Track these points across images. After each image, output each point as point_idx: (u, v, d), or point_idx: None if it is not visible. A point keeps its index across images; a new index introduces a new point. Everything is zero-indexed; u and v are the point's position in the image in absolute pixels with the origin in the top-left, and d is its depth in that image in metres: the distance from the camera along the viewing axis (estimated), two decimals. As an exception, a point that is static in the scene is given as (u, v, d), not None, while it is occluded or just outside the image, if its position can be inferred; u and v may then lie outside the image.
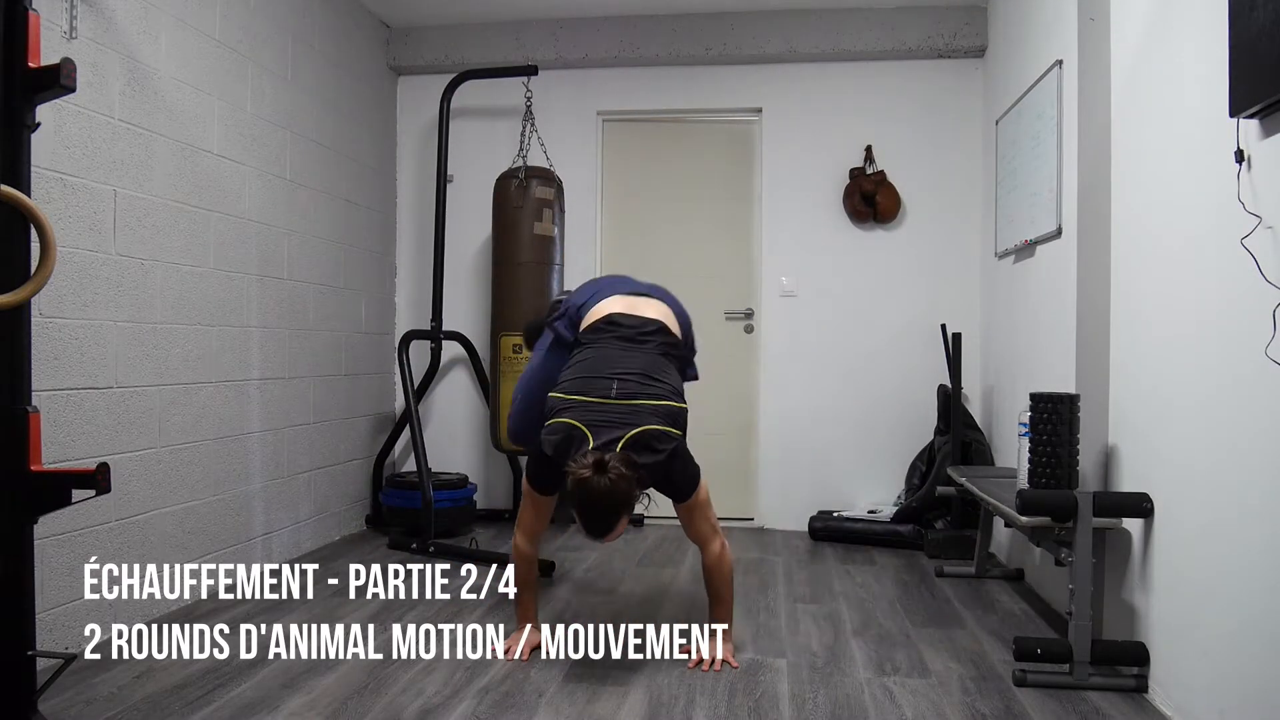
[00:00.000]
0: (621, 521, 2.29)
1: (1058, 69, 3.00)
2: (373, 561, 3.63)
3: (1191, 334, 2.11)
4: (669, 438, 2.37)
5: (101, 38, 2.61)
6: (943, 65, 4.38)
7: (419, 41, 4.57)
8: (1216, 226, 1.96)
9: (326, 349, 3.95)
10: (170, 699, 2.19)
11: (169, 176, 2.92)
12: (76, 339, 2.53)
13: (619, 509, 2.24)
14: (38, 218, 1.81)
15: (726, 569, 2.54)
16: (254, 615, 2.88)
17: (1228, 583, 1.92)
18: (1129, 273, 2.50)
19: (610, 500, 2.21)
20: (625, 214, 4.68)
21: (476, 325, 4.58)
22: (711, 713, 2.16)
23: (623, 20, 4.43)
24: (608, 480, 2.20)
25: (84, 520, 2.53)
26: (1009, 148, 3.66)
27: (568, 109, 4.57)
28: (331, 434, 4.00)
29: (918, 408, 4.30)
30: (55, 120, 2.42)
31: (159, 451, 2.87)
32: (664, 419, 2.38)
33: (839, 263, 4.45)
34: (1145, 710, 2.20)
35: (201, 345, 3.08)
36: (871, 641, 2.71)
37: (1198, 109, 2.08)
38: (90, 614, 2.56)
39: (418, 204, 4.69)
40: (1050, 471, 2.47)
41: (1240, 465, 1.88)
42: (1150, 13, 2.37)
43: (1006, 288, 3.80)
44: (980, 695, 2.28)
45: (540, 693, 2.27)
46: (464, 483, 4.22)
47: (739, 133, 4.63)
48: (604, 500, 2.21)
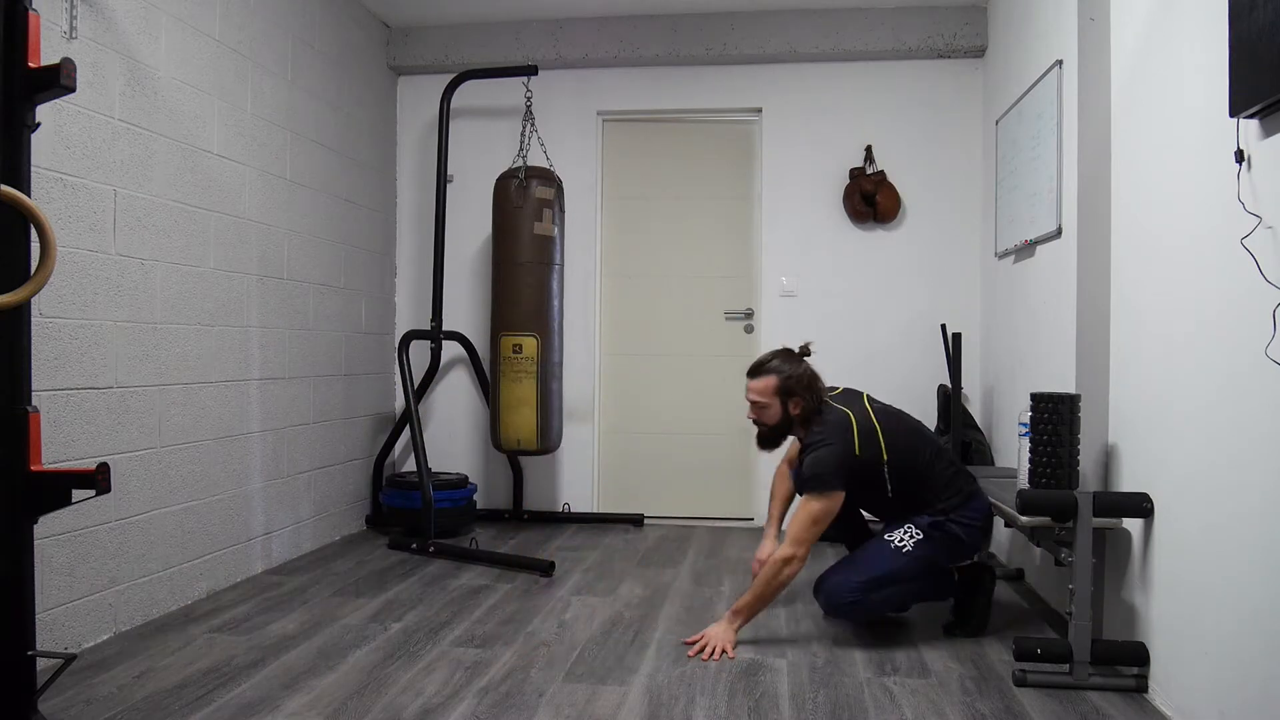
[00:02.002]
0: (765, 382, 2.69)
1: (1058, 69, 3.00)
2: (373, 562, 3.63)
3: (1191, 334, 2.11)
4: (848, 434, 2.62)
5: (101, 38, 2.61)
6: (943, 65, 4.38)
7: (419, 41, 4.57)
8: (1216, 226, 1.96)
9: (326, 349, 3.95)
10: (170, 699, 2.19)
11: (169, 176, 2.92)
12: (76, 339, 2.53)
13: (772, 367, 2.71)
14: (38, 218, 1.81)
15: (778, 575, 2.57)
16: (254, 615, 2.88)
17: (1228, 583, 1.92)
18: (1129, 273, 2.50)
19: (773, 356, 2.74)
20: (625, 214, 4.68)
21: (476, 325, 4.59)
22: (711, 713, 2.16)
23: (623, 20, 4.43)
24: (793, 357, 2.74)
25: (84, 520, 2.53)
26: (1009, 148, 3.66)
27: (568, 109, 4.58)
28: (331, 434, 4.00)
29: (918, 408, 4.26)
30: (55, 120, 2.42)
31: (159, 451, 2.87)
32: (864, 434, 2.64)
33: (839, 263, 4.45)
34: (1145, 710, 2.20)
35: (201, 345, 3.08)
36: (871, 641, 2.71)
37: (1198, 109, 2.08)
38: (90, 614, 2.56)
39: (418, 204, 4.69)
40: (1050, 471, 2.47)
41: (1240, 465, 1.88)
42: (1150, 13, 2.37)
43: (1006, 288, 3.80)
44: (980, 695, 2.28)
45: (540, 693, 2.27)
46: (464, 483, 4.23)
47: (739, 133, 4.64)
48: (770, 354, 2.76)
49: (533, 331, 3.93)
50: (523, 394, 3.90)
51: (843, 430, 2.63)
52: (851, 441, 2.61)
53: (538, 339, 3.93)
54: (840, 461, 2.58)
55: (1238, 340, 1.87)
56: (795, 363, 2.71)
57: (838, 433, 2.62)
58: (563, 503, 4.58)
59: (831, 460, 2.57)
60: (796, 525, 2.56)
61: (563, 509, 4.56)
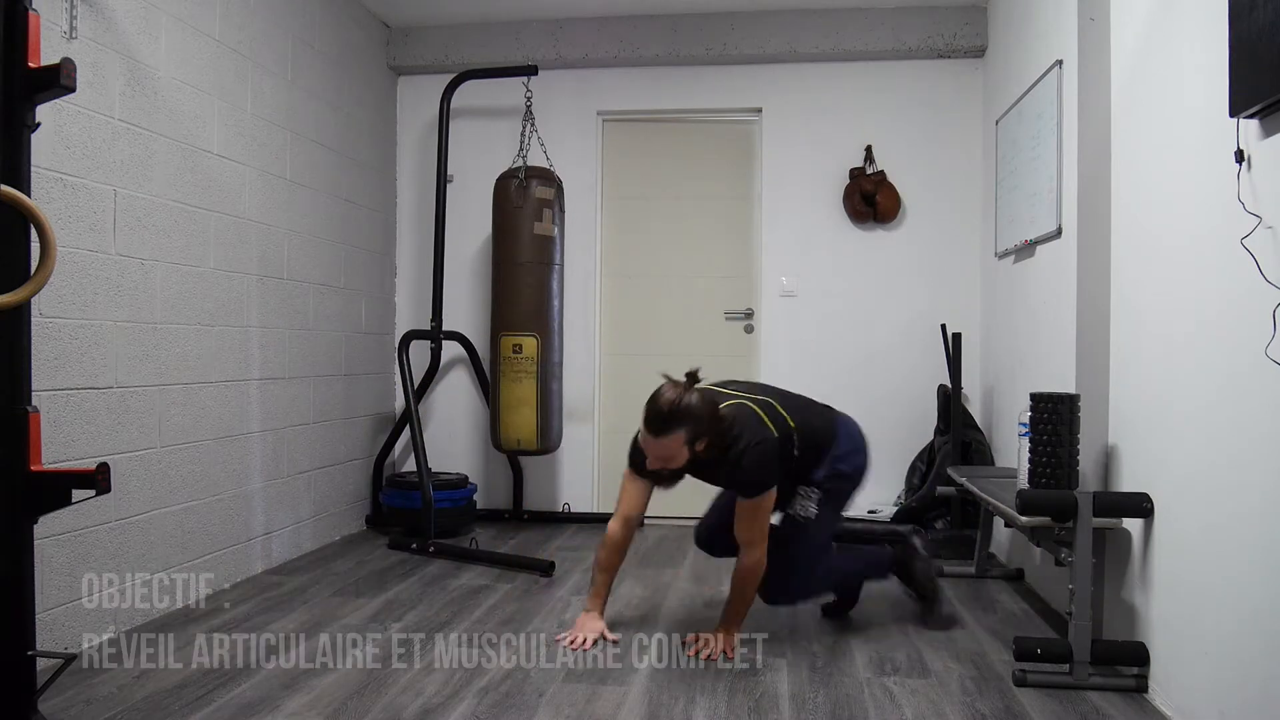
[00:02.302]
0: (673, 439, 2.41)
1: (1058, 69, 3.00)
2: (373, 562, 3.63)
3: (1191, 334, 2.11)
4: (763, 428, 2.51)
5: (101, 38, 2.61)
6: (943, 65, 4.38)
7: (419, 41, 4.57)
8: (1216, 226, 1.96)
9: (326, 349, 3.95)
10: (170, 699, 2.19)
11: (169, 176, 2.92)
12: (76, 339, 2.52)
13: (676, 419, 2.39)
14: (38, 218, 1.81)
15: (752, 577, 2.57)
16: (254, 615, 2.88)
17: (1228, 583, 1.92)
18: (1129, 273, 2.50)
19: (672, 408, 2.40)
20: (625, 214, 4.68)
21: (476, 325, 4.58)
22: (711, 713, 2.16)
23: (623, 20, 4.43)
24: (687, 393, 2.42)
25: (84, 520, 2.53)
26: (1009, 148, 3.66)
27: (568, 109, 4.57)
28: (331, 434, 4.00)
29: (918, 408, 4.30)
30: (55, 120, 2.42)
31: (159, 451, 2.87)
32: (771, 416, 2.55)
33: (839, 263, 4.45)
34: (1145, 710, 2.20)
35: (201, 345, 3.08)
36: (871, 641, 2.71)
37: (1198, 109, 2.07)
38: (90, 614, 2.56)
39: (418, 204, 4.69)
40: (1050, 471, 2.47)
41: (1240, 465, 1.88)
42: (1150, 13, 2.37)
43: (1006, 288, 3.80)
44: (980, 695, 2.28)
45: (540, 693, 2.27)
46: (464, 483, 4.23)
47: (739, 133, 4.64)
48: (666, 405, 2.41)
49: (533, 331, 3.93)
50: (523, 394, 3.90)
51: (757, 425, 2.52)
52: (769, 430, 2.53)
53: (538, 339, 3.93)
54: (775, 453, 2.51)
55: (1238, 340, 1.87)
56: (691, 399, 2.42)
57: (756, 430, 2.50)
58: (563, 503, 4.58)
59: (770, 455, 2.49)
60: (747, 527, 2.52)
61: (563, 509, 4.56)
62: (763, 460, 2.48)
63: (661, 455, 2.45)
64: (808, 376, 4.43)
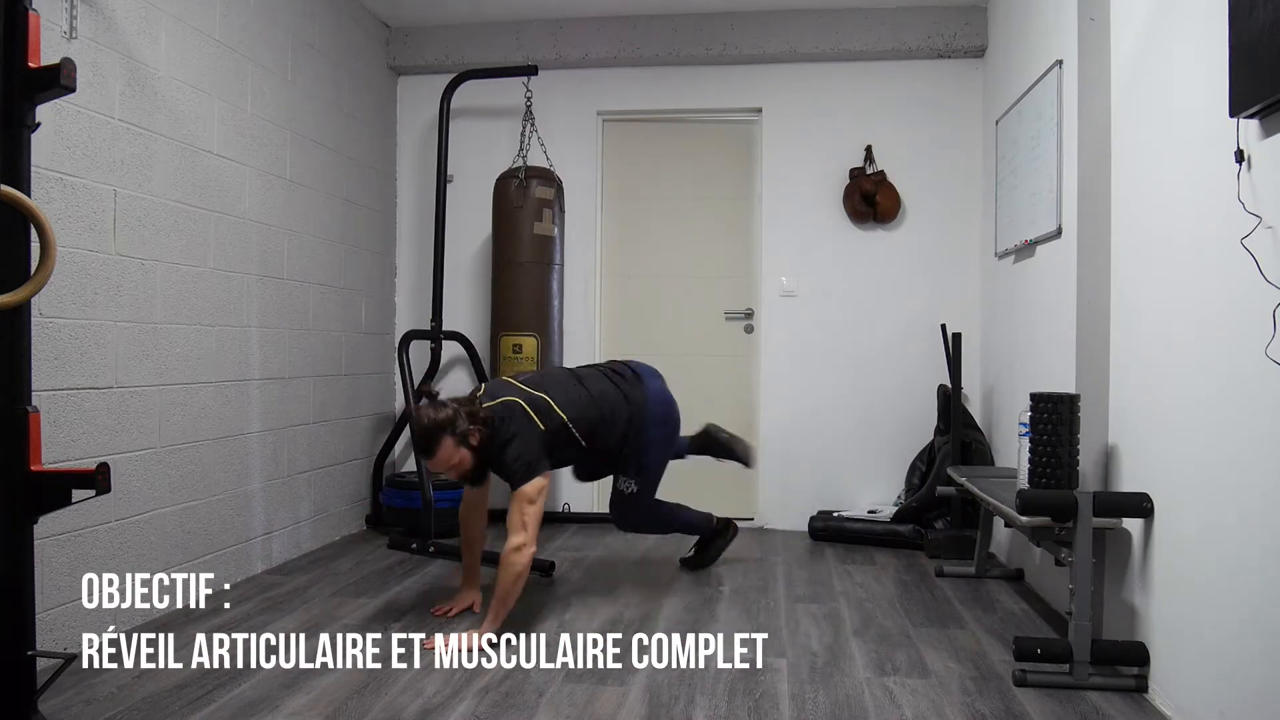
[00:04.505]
0: (443, 449, 2.65)
1: (1058, 69, 3.00)
2: (373, 562, 3.63)
3: (1191, 334, 2.11)
4: (528, 422, 2.72)
5: (101, 38, 2.61)
6: (943, 65, 4.38)
7: (419, 41, 4.57)
8: (1216, 226, 1.96)
9: (326, 349, 3.95)
10: (170, 699, 2.19)
11: (169, 176, 2.92)
12: (76, 339, 2.53)
13: (434, 433, 2.63)
14: (38, 218, 1.81)
15: (513, 567, 2.63)
16: (254, 615, 2.88)
17: (1228, 583, 1.92)
18: (1129, 273, 2.50)
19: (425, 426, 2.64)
20: (625, 214, 4.68)
21: (476, 325, 4.58)
22: (711, 713, 2.16)
23: (623, 20, 4.43)
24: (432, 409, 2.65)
25: (84, 520, 2.53)
26: (1009, 148, 3.66)
27: (568, 109, 4.57)
28: (331, 434, 4.00)
29: (918, 408, 4.30)
30: (55, 120, 2.42)
31: (159, 451, 2.87)
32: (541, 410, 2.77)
33: (839, 263, 4.44)
34: (1145, 710, 2.20)
35: (201, 345, 3.08)
36: (871, 641, 2.71)
37: (1198, 109, 2.07)
38: (90, 614, 2.55)
39: (418, 204, 4.69)
40: (1050, 471, 2.47)
41: (1240, 465, 1.88)
42: (1150, 13, 2.37)
43: (1006, 288, 3.80)
44: (980, 695, 2.28)
45: (540, 693, 2.27)
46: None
47: (739, 133, 4.63)
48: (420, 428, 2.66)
49: (533, 331, 3.93)
50: (523, 394, 3.90)
51: (520, 415, 2.74)
52: (533, 420, 2.75)
53: (537, 339, 3.93)
54: (536, 439, 2.73)
55: (1238, 340, 1.87)
56: (438, 410, 2.66)
57: (519, 420, 2.73)
58: (563, 503, 4.57)
59: (530, 442, 2.71)
60: (518, 514, 2.64)
61: (563, 509, 4.56)
62: (521, 452, 2.69)
63: (447, 464, 2.68)
64: (808, 376, 4.45)
